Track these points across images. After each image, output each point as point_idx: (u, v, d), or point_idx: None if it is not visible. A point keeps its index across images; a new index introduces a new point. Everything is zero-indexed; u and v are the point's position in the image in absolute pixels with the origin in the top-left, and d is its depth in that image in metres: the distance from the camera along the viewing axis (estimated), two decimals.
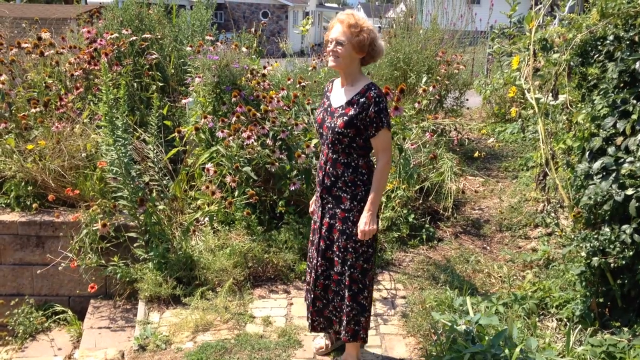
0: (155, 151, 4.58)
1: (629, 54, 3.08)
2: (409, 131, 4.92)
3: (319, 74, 6.12)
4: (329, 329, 3.25)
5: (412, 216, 4.81)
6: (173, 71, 6.11)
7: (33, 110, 4.62)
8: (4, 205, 4.56)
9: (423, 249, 4.67)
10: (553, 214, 4.56)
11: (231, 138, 4.41)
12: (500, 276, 4.20)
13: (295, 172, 4.56)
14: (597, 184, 3.08)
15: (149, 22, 6.25)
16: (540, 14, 3.97)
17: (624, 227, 3.02)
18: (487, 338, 3.03)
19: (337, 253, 3.00)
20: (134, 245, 4.15)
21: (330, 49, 2.80)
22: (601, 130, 3.15)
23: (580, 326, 3.31)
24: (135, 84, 5.55)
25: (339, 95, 2.93)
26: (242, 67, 4.99)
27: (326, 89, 3.10)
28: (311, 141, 4.55)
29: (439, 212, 5.14)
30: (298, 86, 5.14)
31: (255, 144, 4.36)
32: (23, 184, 4.47)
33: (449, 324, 3.25)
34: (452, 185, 5.11)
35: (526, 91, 3.77)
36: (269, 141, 4.48)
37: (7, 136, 4.60)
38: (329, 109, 2.94)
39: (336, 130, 2.82)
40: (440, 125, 5.91)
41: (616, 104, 3.09)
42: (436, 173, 5.13)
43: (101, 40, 5.38)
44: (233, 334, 3.57)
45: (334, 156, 2.91)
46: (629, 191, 2.95)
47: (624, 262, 2.99)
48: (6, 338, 4.19)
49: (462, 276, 4.22)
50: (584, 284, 3.42)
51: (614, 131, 3.10)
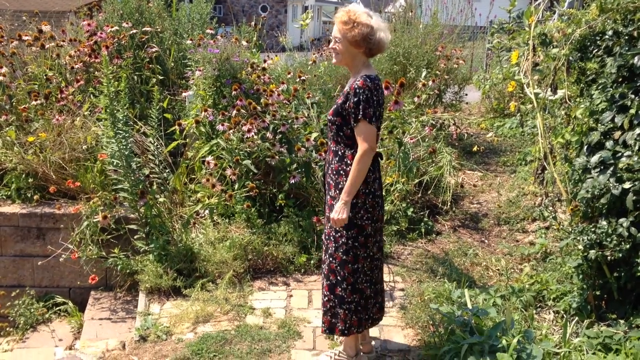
0: (155, 144, 4.59)
1: (627, 48, 3.10)
2: (408, 125, 4.94)
3: (318, 68, 6.13)
4: None
5: (411, 210, 4.83)
6: (173, 64, 6.11)
7: (34, 103, 4.63)
8: (4, 197, 4.58)
9: (422, 242, 4.70)
10: (551, 208, 4.59)
11: (231, 131, 4.43)
12: (498, 269, 4.24)
13: (295, 165, 4.58)
14: (594, 177, 3.10)
15: (149, 15, 6.25)
16: (539, 9, 3.99)
17: (621, 220, 3.04)
18: (485, 329, 3.06)
19: (324, 239, 3.08)
20: (135, 237, 4.17)
21: (331, 46, 2.94)
22: (599, 125, 3.17)
23: (577, 318, 3.34)
24: (136, 77, 5.55)
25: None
26: (242, 60, 5.00)
27: None
28: (311, 135, 4.57)
29: (437, 205, 5.17)
30: (298, 80, 5.15)
31: (255, 137, 4.38)
32: (24, 176, 4.49)
33: (447, 315, 3.29)
34: (451, 179, 5.13)
35: (525, 86, 3.77)
36: (269, 134, 4.50)
37: (7, 128, 4.61)
38: None
39: (328, 117, 2.97)
40: (439, 119, 5.93)
41: (614, 98, 3.11)
42: (435, 167, 5.16)
43: (101, 33, 5.38)
44: (233, 325, 3.60)
45: (329, 143, 3.05)
46: (626, 185, 2.97)
47: (620, 255, 3.02)
48: (7, 329, 4.22)
49: (461, 269, 4.26)
50: (581, 276, 3.45)
51: (612, 125, 3.12)
